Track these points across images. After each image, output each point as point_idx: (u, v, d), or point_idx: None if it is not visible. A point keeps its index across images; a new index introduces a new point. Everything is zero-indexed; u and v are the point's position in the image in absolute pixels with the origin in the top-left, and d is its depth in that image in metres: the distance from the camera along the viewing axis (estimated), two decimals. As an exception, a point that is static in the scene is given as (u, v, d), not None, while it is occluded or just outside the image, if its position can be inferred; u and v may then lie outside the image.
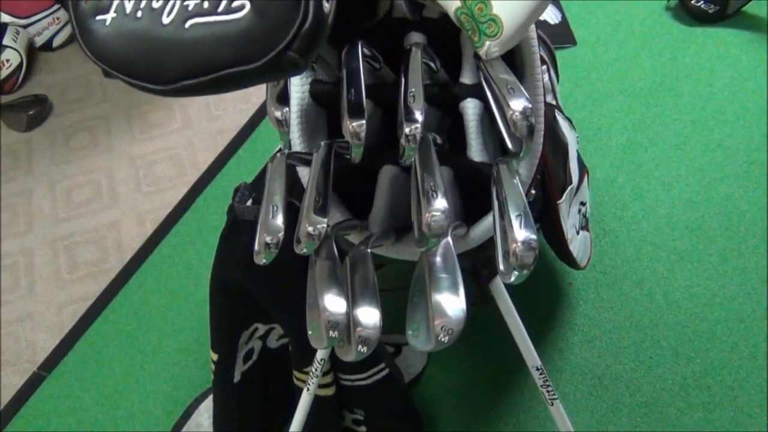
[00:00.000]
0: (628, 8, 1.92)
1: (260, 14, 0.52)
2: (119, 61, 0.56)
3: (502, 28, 0.71)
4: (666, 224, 1.50)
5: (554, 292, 1.43)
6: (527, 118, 0.70)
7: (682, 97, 1.70)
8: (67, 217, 1.73)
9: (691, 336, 1.35)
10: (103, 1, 0.56)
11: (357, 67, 0.72)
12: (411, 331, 0.74)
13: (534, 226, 0.70)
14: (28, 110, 1.91)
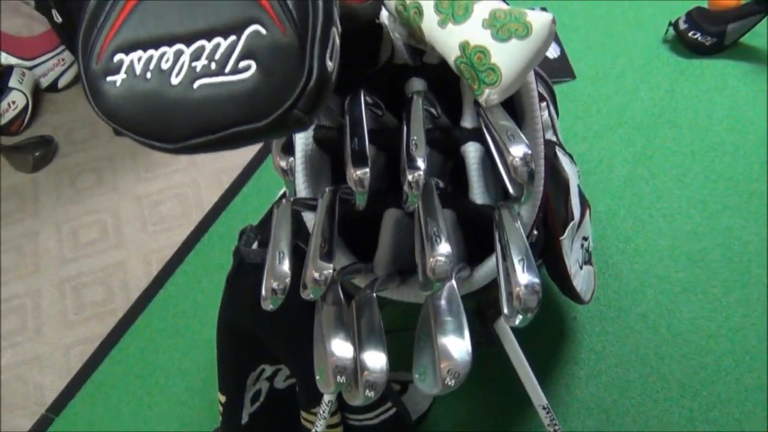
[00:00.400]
0: (626, 42, 1.94)
1: (266, 74, 0.53)
2: (130, 120, 0.57)
3: (501, 76, 0.72)
4: (669, 256, 1.50)
5: (559, 327, 1.43)
6: (527, 164, 0.71)
7: (682, 128, 1.72)
8: (74, 257, 1.74)
9: (697, 369, 1.35)
10: (113, 63, 0.57)
11: (360, 116, 0.74)
12: (418, 375, 0.75)
13: (537, 269, 0.71)
14: (34, 151, 1.92)
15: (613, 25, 1.99)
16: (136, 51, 0.57)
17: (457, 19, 0.73)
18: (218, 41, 0.54)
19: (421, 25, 0.76)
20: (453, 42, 0.74)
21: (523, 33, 0.71)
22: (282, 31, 0.53)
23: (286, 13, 0.54)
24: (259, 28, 0.54)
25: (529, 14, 0.71)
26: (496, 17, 0.72)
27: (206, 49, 0.54)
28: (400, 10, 0.78)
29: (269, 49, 0.54)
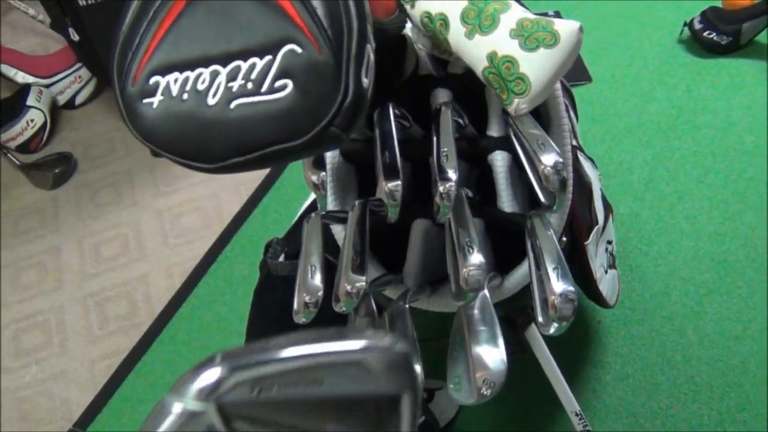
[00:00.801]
0: (641, 43, 1.94)
1: (303, 93, 0.54)
2: (167, 141, 0.58)
3: (530, 85, 0.72)
4: (692, 257, 1.50)
5: (584, 331, 1.43)
6: (559, 173, 0.71)
7: (701, 129, 1.71)
8: (96, 272, 1.75)
9: (725, 370, 1.34)
10: (149, 85, 0.58)
11: (390, 129, 0.74)
12: (452, 385, 0.75)
13: (571, 277, 0.71)
14: (53, 168, 1.93)
15: (628, 26, 1.99)
16: (172, 73, 0.57)
17: (484, 30, 0.73)
18: (254, 61, 0.55)
19: (448, 36, 0.76)
20: (481, 53, 0.74)
21: (551, 42, 0.71)
22: (317, 50, 0.54)
23: (321, 31, 0.54)
24: (295, 47, 0.54)
25: (556, 23, 0.71)
26: (524, 27, 0.72)
27: (242, 69, 0.55)
28: (425, 22, 0.78)
29: (305, 67, 0.54)
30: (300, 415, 0.49)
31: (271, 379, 0.47)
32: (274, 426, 0.49)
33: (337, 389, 0.48)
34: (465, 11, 0.74)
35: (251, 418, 0.48)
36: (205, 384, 0.46)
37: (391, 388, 0.48)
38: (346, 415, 0.50)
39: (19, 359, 1.62)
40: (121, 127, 2.03)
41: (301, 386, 0.48)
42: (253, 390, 0.46)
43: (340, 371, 0.48)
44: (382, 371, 0.47)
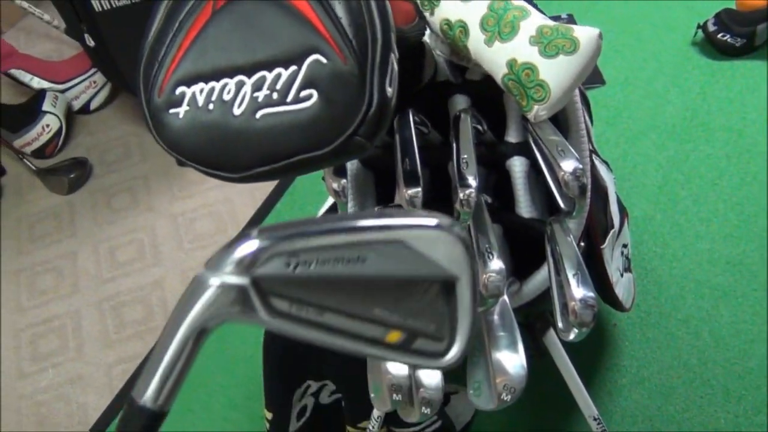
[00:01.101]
0: (654, 45, 1.94)
1: (328, 102, 0.54)
2: (193, 151, 0.59)
3: (550, 92, 0.72)
4: (707, 260, 1.50)
5: (599, 335, 1.43)
6: (578, 179, 0.72)
7: (715, 131, 1.71)
8: (112, 277, 1.76)
9: (741, 373, 1.34)
10: (175, 96, 0.58)
11: (410, 136, 0.75)
12: (472, 390, 0.76)
13: (591, 283, 0.71)
14: (69, 173, 1.94)
15: (641, 29, 1.99)
16: (197, 83, 0.58)
17: (503, 37, 0.73)
18: (279, 71, 0.55)
19: (467, 43, 0.76)
20: (500, 59, 0.74)
21: (571, 49, 0.71)
22: (342, 60, 0.54)
23: (345, 41, 0.54)
24: (320, 57, 0.55)
25: (575, 30, 0.72)
26: (543, 34, 0.72)
27: (268, 80, 0.56)
28: (445, 30, 0.78)
29: (330, 77, 0.55)
30: (342, 297, 0.48)
31: (308, 253, 0.46)
32: (315, 308, 0.48)
33: (382, 269, 0.47)
34: (484, 18, 0.75)
35: (290, 297, 0.47)
36: (240, 255, 0.45)
37: (441, 271, 0.47)
38: (394, 299, 0.49)
39: (36, 364, 1.62)
40: (137, 132, 2.05)
41: (342, 264, 0.46)
42: (289, 264, 0.46)
43: (383, 249, 0.46)
44: (430, 251, 0.46)
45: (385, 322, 0.48)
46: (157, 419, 0.52)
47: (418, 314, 0.48)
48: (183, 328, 0.49)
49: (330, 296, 0.47)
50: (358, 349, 0.48)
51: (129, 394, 0.51)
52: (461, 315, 0.47)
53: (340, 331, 0.48)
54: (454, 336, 0.47)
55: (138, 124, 2.11)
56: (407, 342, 0.48)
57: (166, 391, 0.51)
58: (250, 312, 0.47)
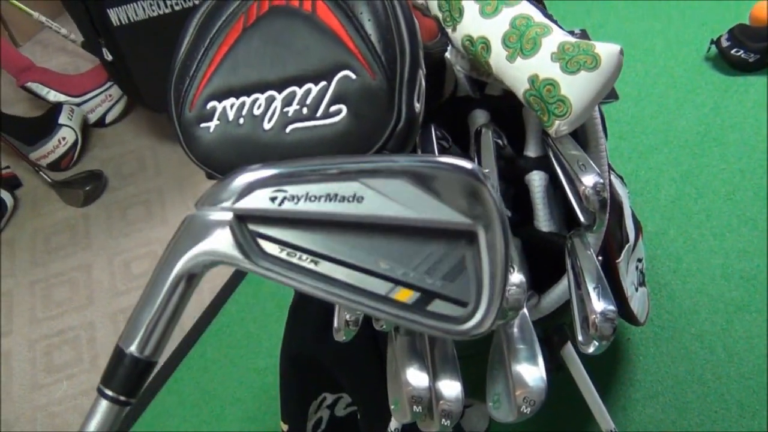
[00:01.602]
0: (667, 61, 1.94)
1: (357, 117, 0.55)
2: (223, 165, 0.59)
3: (571, 107, 0.73)
4: (721, 275, 1.50)
5: (613, 349, 1.43)
6: (599, 193, 0.72)
7: (729, 146, 1.71)
8: (126, 289, 1.77)
9: (755, 388, 1.34)
10: (206, 110, 0.59)
11: (432, 150, 0.76)
12: (492, 403, 0.76)
13: (611, 296, 0.72)
14: (84, 186, 1.95)
15: (654, 44, 2.00)
16: (228, 98, 0.59)
17: (525, 53, 0.74)
18: (309, 87, 0.56)
19: (489, 59, 0.77)
20: (522, 75, 0.75)
21: (592, 65, 0.72)
22: (371, 76, 0.55)
23: (375, 57, 0.55)
24: (349, 73, 0.56)
25: (597, 46, 0.73)
26: (565, 50, 0.73)
27: (297, 95, 0.56)
28: (467, 46, 0.79)
29: (359, 93, 0.55)
30: (339, 244, 0.44)
31: (295, 183, 0.43)
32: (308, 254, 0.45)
33: (382, 211, 0.42)
34: (506, 35, 0.75)
35: (279, 240, 0.45)
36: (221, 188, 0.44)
37: (453, 217, 0.42)
38: (402, 250, 0.44)
39: (51, 375, 1.63)
40: (152, 146, 2.07)
41: (335, 202, 0.43)
42: (275, 199, 0.43)
43: (382, 186, 0.42)
44: (441, 191, 0.41)
45: (392, 277, 0.45)
46: (146, 369, 0.51)
47: (432, 270, 0.45)
48: (175, 269, 0.48)
49: (326, 243, 0.45)
50: (362, 304, 0.45)
51: (117, 344, 0.50)
52: (485, 275, 0.43)
53: (339, 283, 0.45)
54: (479, 299, 0.44)
55: (153, 138, 2.12)
56: (421, 302, 0.44)
57: (154, 340, 0.50)
58: (238, 254, 0.46)
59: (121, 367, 0.50)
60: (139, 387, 0.53)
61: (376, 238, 0.44)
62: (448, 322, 0.44)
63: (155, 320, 0.49)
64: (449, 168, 0.41)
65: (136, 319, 0.50)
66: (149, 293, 0.49)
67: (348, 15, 0.56)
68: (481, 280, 0.43)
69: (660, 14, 2.07)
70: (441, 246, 0.43)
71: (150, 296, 0.49)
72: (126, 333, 0.49)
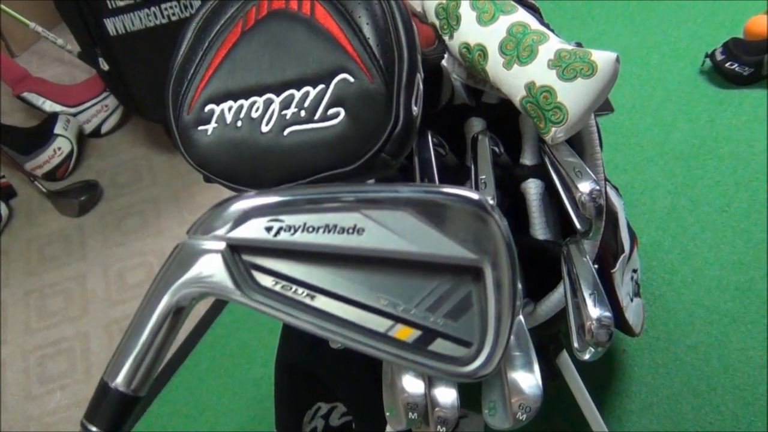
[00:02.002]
0: (662, 74, 1.95)
1: (355, 120, 0.55)
2: (221, 168, 0.59)
3: (568, 114, 0.73)
4: (716, 287, 1.50)
5: (608, 360, 1.43)
6: (595, 200, 0.72)
7: (723, 159, 1.72)
8: (121, 299, 1.76)
9: (750, 400, 1.34)
10: (204, 113, 0.60)
11: (429, 157, 0.76)
12: (487, 410, 0.76)
13: (607, 303, 0.72)
14: (79, 196, 1.95)
15: (649, 57, 2.01)
16: (226, 101, 0.59)
17: (522, 60, 0.75)
18: (307, 90, 0.56)
19: (486, 67, 0.78)
20: (519, 82, 0.75)
21: (589, 72, 0.72)
22: (370, 79, 0.55)
23: (373, 61, 0.56)
24: (347, 76, 0.56)
25: (593, 54, 0.73)
26: (561, 57, 0.73)
27: (296, 98, 0.57)
28: (464, 53, 0.79)
29: (357, 96, 0.55)
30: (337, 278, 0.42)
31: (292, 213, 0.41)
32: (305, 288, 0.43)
33: (384, 244, 0.40)
34: (503, 42, 0.76)
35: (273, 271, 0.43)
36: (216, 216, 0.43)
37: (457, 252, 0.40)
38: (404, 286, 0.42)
39: (44, 386, 1.63)
40: (147, 156, 2.07)
41: (334, 234, 0.41)
42: (270, 229, 0.41)
43: (385, 218, 0.40)
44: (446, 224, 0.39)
45: (392, 313, 0.42)
46: (131, 405, 0.49)
47: (435, 308, 0.43)
48: (164, 301, 0.46)
49: (322, 275, 0.43)
50: (359, 343, 0.44)
51: (101, 378, 0.48)
52: (490, 313, 0.41)
53: (336, 319, 0.43)
54: (484, 339, 0.42)
55: (149, 148, 2.12)
56: (422, 342, 0.42)
57: (141, 374, 0.48)
58: (230, 285, 0.44)
59: (105, 402, 0.49)
60: (124, 423, 0.51)
61: (377, 272, 0.42)
62: (451, 363, 0.43)
63: (142, 354, 0.47)
64: (454, 199, 0.39)
65: (122, 353, 0.48)
66: (136, 325, 0.47)
67: (346, 19, 0.57)
68: (486, 319, 0.41)
69: (655, 28, 2.08)
70: (445, 282, 0.42)
71: (137, 329, 0.47)
72: (111, 366, 0.48)
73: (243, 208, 0.42)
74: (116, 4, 1.64)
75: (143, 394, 0.48)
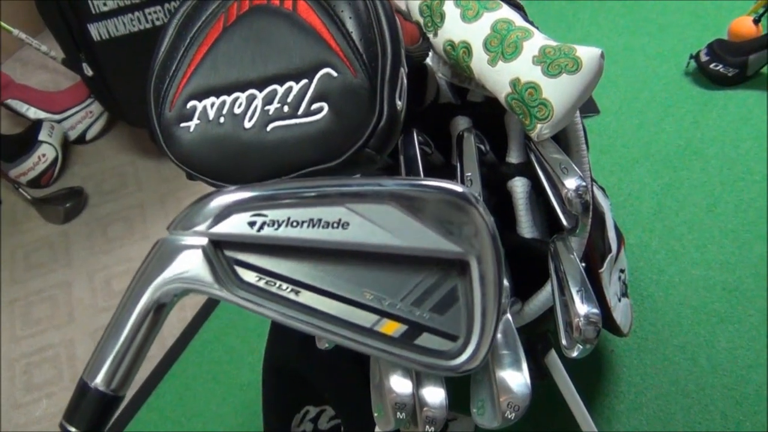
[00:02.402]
0: (647, 75, 1.96)
1: (338, 115, 0.55)
2: (204, 164, 0.59)
3: (553, 110, 0.73)
4: (703, 287, 1.50)
5: (597, 361, 1.43)
6: (581, 196, 0.72)
7: (709, 159, 1.72)
8: (107, 306, 1.75)
9: (739, 399, 1.34)
10: (186, 110, 0.59)
11: (414, 155, 0.75)
12: (476, 409, 0.75)
13: (594, 300, 0.71)
14: (64, 203, 1.94)
15: (634, 59, 2.01)
16: (209, 97, 0.58)
17: (507, 57, 0.74)
18: (290, 85, 0.56)
19: (471, 64, 0.77)
20: (504, 79, 0.75)
21: (573, 68, 0.72)
22: (353, 74, 0.55)
23: (356, 55, 0.55)
24: (331, 71, 0.55)
25: (578, 49, 0.73)
26: (546, 53, 0.73)
27: (279, 93, 0.56)
28: (448, 50, 0.79)
29: (341, 90, 0.55)
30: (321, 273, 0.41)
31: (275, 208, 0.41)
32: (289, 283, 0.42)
33: (368, 239, 0.40)
34: (488, 39, 0.76)
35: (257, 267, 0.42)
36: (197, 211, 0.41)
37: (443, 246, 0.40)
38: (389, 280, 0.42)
39: (30, 394, 1.61)
40: (132, 162, 2.06)
41: (318, 228, 0.41)
42: (253, 224, 0.41)
43: (370, 211, 0.40)
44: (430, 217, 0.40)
45: (378, 308, 0.42)
46: (111, 405, 0.48)
47: (421, 302, 0.43)
48: (144, 298, 0.45)
49: (307, 270, 0.42)
50: (345, 338, 0.43)
51: (80, 377, 0.47)
52: (476, 307, 0.41)
53: (321, 314, 0.43)
54: (470, 334, 0.42)
55: (134, 154, 2.11)
56: (408, 336, 0.42)
57: (121, 373, 0.47)
58: (212, 281, 0.43)
59: (84, 402, 0.48)
60: (104, 424, 0.50)
61: (362, 266, 0.42)
62: (437, 357, 0.43)
63: (122, 352, 0.46)
64: (439, 191, 0.39)
65: (102, 351, 0.47)
66: (116, 323, 0.46)
67: (329, 13, 0.56)
68: (472, 313, 0.41)
69: (640, 30, 2.09)
70: (430, 276, 0.41)
71: (117, 327, 0.46)
72: (90, 366, 0.47)
73: (225, 203, 0.41)
74: (100, 10, 1.63)
75: (123, 394, 0.47)
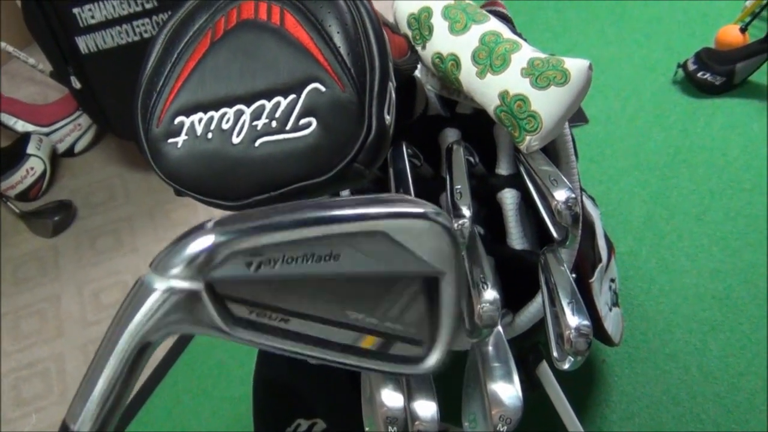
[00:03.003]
0: (635, 85, 1.97)
1: (327, 130, 0.55)
2: (192, 180, 0.59)
3: (542, 122, 0.73)
4: (694, 295, 1.50)
5: (588, 371, 1.43)
6: (571, 208, 0.72)
7: (698, 168, 1.73)
8: (97, 320, 1.74)
9: (731, 407, 1.34)
10: (174, 125, 0.59)
11: (404, 168, 0.75)
12: (468, 423, 0.75)
13: (585, 311, 0.71)
14: (53, 216, 1.93)
15: (622, 68, 2.02)
16: (196, 113, 0.58)
17: (495, 69, 0.75)
18: (278, 100, 0.56)
19: (459, 76, 0.77)
20: (492, 92, 0.75)
21: (562, 80, 0.72)
22: (341, 88, 0.55)
23: (344, 69, 0.55)
24: (319, 85, 0.55)
25: (566, 61, 0.73)
26: (534, 66, 0.73)
27: (267, 108, 0.56)
28: (437, 63, 0.79)
29: (329, 105, 0.55)
30: (311, 300, 0.42)
31: (274, 250, 0.40)
32: (279, 313, 0.42)
33: (359, 267, 0.41)
34: (476, 51, 0.76)
35: (250, 302, 0.41)
36: (192, 254, 0.40)
37: (426, 267, 0.41)
38: (370, 300, 0.43)
39: (19, 409, 1.60)
40: (121, 174, 2.05)
41: (312, 262, 0.40)
42: (251, 264, 0.40)
43: (360, 243, 0.40)
44: (414, 244, 0.40)
45: (359, 326, 0.43)
46: None
47: (396, 316, 0.44)
48: (123, 341, 0.44)
49: (297, 299, 0.42)
50: (329, 358, 0.44)
51: (63, 420, 0.46)
52: (444, 315, 0.43)
53: (309, 338, 0.43)
54: (434, 339, 0.43)
55: (122, 166, 2.10)
56: (384, 347, 0.43)
57: (103, 415, 0.46)
58: (203, 321, 0.42)
59: None
60: None
61: (345, 290, 0.42)
62: (407, 363, 0.44)
63: (105, 395, 0.45)
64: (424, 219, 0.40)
65: (83, 394, 0.46)
66: (98, 365, 0.45)
67: (317, 28, 0.56)
68: (438, 319, 0.42)
69: (627, 39, 2.10)
70: (404, 290, 0.42)
71: (98, 368, 0.45)
72: (72, 409, 0.46)
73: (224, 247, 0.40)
74: (88, 22, 1.63)
75: None
